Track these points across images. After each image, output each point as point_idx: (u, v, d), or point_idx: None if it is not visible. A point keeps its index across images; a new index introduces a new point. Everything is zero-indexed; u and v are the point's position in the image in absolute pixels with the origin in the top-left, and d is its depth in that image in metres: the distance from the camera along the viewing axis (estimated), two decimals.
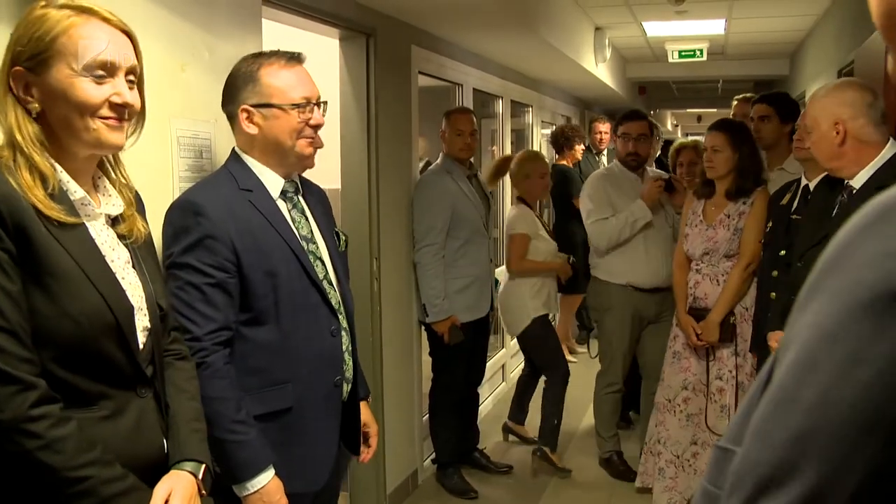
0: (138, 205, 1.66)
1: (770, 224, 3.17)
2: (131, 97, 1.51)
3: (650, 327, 4.22)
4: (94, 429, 1.44)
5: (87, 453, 1.39)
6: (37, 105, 1.43)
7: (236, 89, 2.05)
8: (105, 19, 1.48)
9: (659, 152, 6.22)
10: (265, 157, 2.07)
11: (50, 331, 1.39)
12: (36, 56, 1.42)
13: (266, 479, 1.91)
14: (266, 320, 2.00)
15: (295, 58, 2.08)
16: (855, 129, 2.49)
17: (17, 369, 1.33)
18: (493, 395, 5.90)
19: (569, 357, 6.85)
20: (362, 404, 2.35)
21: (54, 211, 1.40)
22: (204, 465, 1.64)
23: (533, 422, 5.07)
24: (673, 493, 3.70)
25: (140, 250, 1.62)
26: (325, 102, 2.12)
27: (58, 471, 1.35)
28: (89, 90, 1.44)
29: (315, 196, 2.26)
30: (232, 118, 2.09)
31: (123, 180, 1.63)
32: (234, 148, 2.12)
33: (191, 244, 1.91)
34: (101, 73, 1.46)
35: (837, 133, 2.51)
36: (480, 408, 4.91)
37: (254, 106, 2.03)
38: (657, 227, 4.13)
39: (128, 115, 1.51)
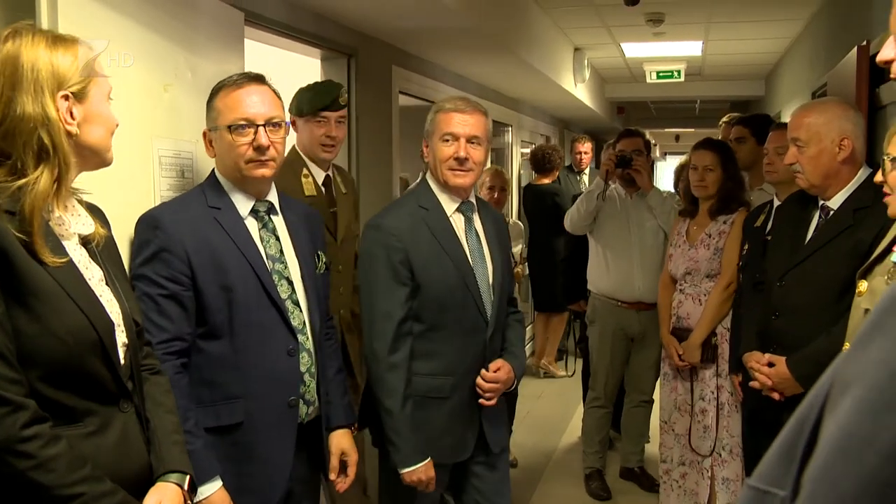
0: (97, 214, 1.70)
1: (746, 246, 3.18)
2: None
3: (637, 344, 4.23)
4: (81, 445, 1.46)
5: (78, 471, 1.41)
6: (76, 128, 1.52)
7: (206, 114, 2.14)
8: (96, 59, 1.62)
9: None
10: (228, 177, 2.12)
11: (35, 350, 1.41)
12: (82, 80, 1.53)
13: (211, 490, 1.91)
14: (220, 334, 2.03)
15: (250, 78, 2.10)
16: (857, 147, 2.50)
17: (7, 391, 1.35)
18: None
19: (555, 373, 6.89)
20: (342, 432, 2.32)
21: (46, 254, 1.44)
22: (188, 476, 1.67)
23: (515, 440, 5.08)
24: None
25: (111, 268, 1.65)
26: (284, 123, 2.12)
27: (51, 489, 1.37)
28: (113, 113, 1.61)
29: (300, 217, 2.27)
30: None
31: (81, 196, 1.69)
32: (213, 168, 2.16)
33: (148, 257, 1.97)
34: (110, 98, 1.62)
35: (841, 148, 2.47)
36: None
37: (209, 129, 2.12)
38: (631, 241, 4.16)
39: None
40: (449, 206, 2.43)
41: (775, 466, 0.59)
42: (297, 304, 2.15)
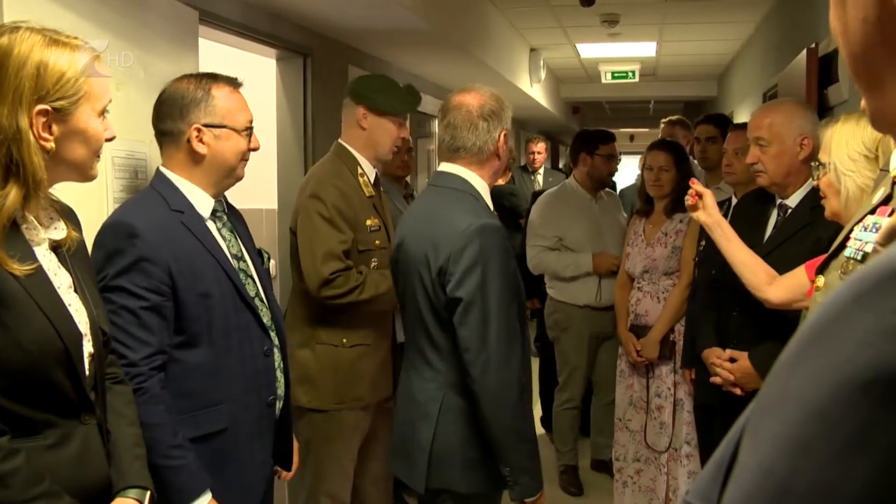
0: (69, 216, 1.65)
1: (703, 243, 3.22)
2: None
3: (605, 344, 4.26)
4: (40, 458, 1.41)
5: (36, 486, 1.36)
6: (53, 144, 1.45)
7: (185, 107, 2.01)
8: (99, 59, 1.53)
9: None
10: (205, 176, 2.05)
11: None
12: (68, 97, 1.45)
13: (204, 503, 1.89)
14: (199, 342, 1.97)
15: (238, 83, 2.10)
16: (816, 146, 2.54)
17: None
18: None
19: None
20: None
21: (12, 264, 1.38)
22: (148, 492, 1.62)
23: None
24: None
25: (80, 273, 1.59)
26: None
27: None
28: (101, 130, 1.53)
29: (236, 216, 2.24)
30: (171, 136, 2.03)
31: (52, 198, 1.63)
32: (159, 168, 2.08)
33: (125, 267, 1.86)
34: (105, 113, 1.54)
35: (802, 147, 2.52)
36: None
37: (206, 125, 2.01)
38: (606, 248, 4.17)
39: None
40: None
41: (708, 482, 0.58)
42: (263, 301, 2.13)
